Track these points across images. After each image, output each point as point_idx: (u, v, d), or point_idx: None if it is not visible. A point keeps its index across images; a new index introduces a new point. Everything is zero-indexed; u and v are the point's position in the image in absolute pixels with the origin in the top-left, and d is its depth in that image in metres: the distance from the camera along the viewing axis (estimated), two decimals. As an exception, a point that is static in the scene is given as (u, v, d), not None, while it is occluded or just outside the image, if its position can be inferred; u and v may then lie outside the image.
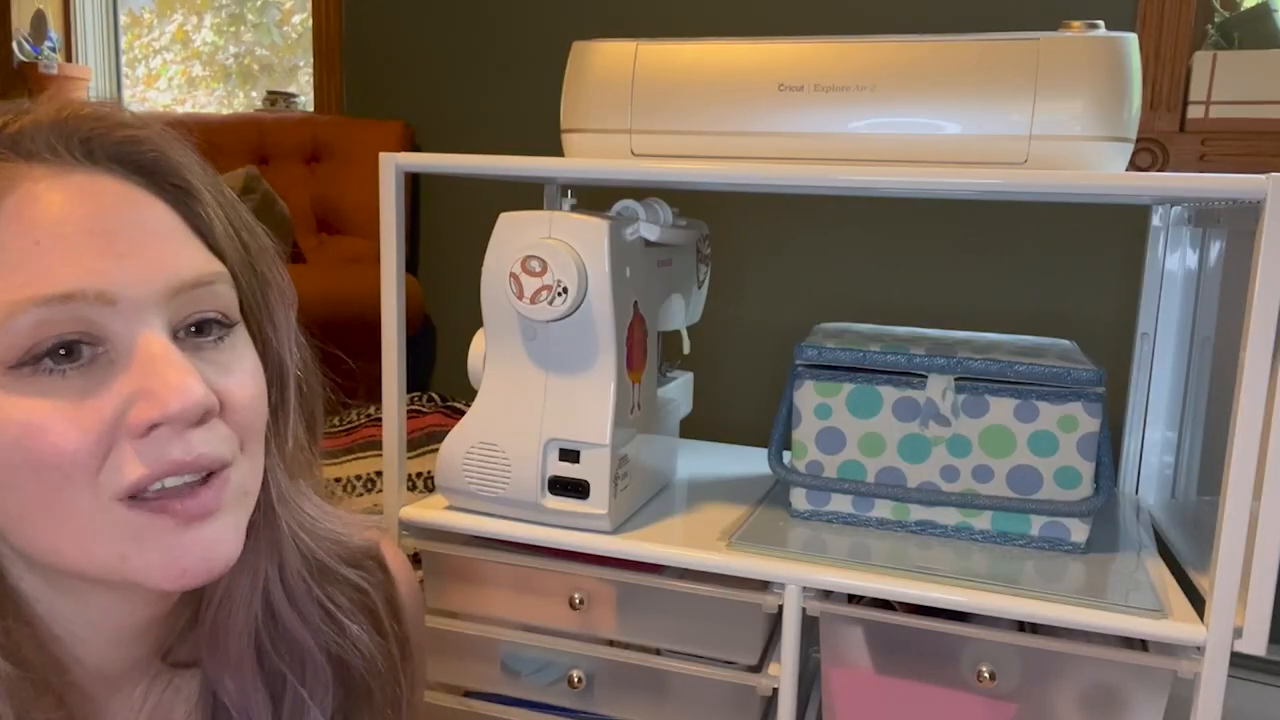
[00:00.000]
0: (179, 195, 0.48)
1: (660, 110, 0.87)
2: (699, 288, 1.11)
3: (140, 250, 0.44)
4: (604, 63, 0.88)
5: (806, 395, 0.92)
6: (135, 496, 0.44)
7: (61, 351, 0.42)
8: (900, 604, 0.84)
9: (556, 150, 0.93)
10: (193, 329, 0.47)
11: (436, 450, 0.96)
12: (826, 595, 0.85)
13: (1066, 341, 0.97)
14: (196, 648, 0.54)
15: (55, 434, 0.42)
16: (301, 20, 2.45)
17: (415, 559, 0.95)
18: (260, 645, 0.54)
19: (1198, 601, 0.76)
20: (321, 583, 0.55)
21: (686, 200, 1.12)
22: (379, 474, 1.37)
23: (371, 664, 0.57)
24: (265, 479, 0.52)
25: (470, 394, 0.91)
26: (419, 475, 1.40)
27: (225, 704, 0.54)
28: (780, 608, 0.84)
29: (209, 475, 0.46)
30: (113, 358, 0.44)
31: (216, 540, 0.46)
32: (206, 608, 0.53)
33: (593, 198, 1.00)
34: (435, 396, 1.54)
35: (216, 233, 0.49)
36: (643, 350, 0.92)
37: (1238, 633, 0.72)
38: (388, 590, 0.60)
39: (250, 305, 0.51)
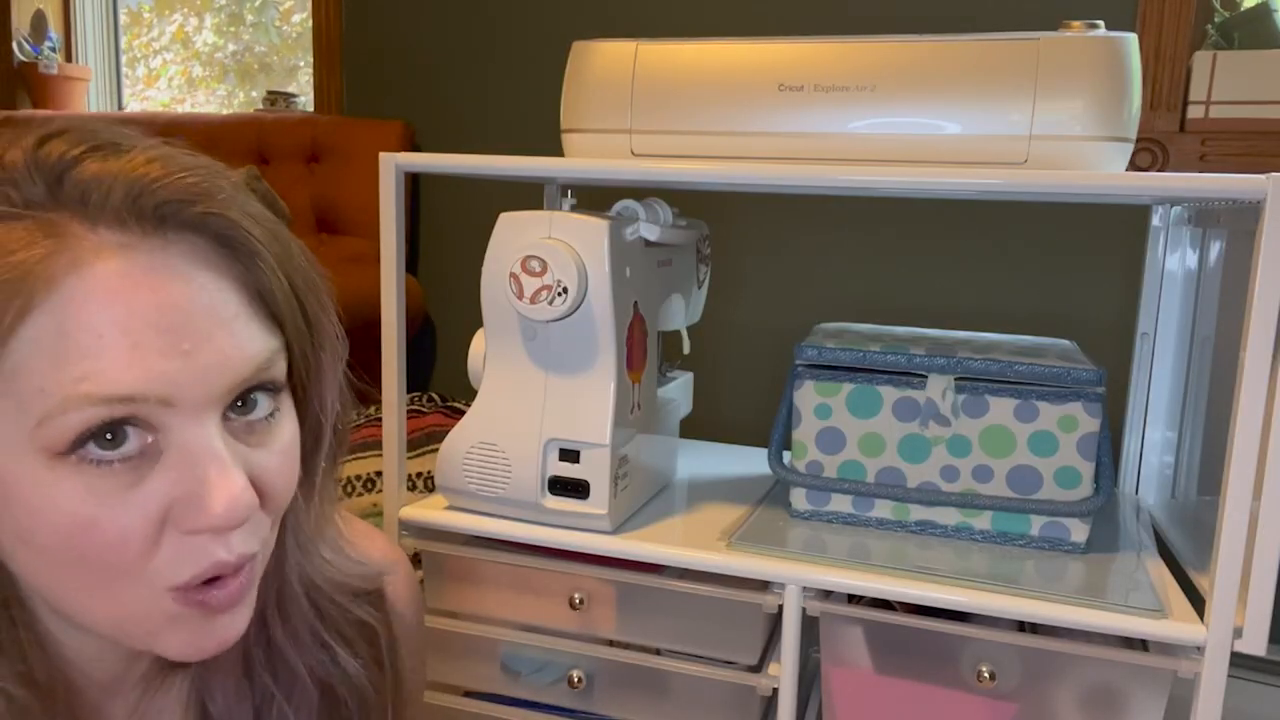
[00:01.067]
0: (246, 264, 0.46)
1: (660, 110, 0.87)
2: (699, 288, 1.11)
3: (205, 345, 0.42)
4: (604, 63, 0.88)
5: (806, 395, 0.92)
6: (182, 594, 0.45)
7: (108, 436, 0.41)
8: (900, 604, 0.84)
9: (556, 150, 0.93)
10: (240, 403, 0.46)
11: (436, 450, 0.96)
12: (826, 595, 0.85)
13: (1066, 341, 0.97)
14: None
15: (106, 528, 0.41)
16: (301, 20, 2.45)
17: (415, 559, 0.95)
18: (250, 661, 0.54)
19: (1198, 601, 0.76)
20: (321, 609, 0.55)
21: (686, 200, 1.12)
22: (379, 474, 1.37)
23: (361, 694, 0.57)
24: (284, 524, 0.52)
25: (470, 394, 0.91)
26: (419, 475, 1.40)
27: (211, 714, 0.54)
28: (780, 608, 0.84)
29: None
30: (162, 446, 0.43)
31: (234, 622, 0.47)
32: None
33: (593, 198, 1.00)
34: (435, 396, 1.54)
35: (278, 302, 0.47)
36: (643, 350, 0.92)
37: (1238, 633, 0.72)
38: (387, 623, 0.60)
39: (300, 369, 0.50)
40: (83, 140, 0.43)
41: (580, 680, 0.91)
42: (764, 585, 0.85)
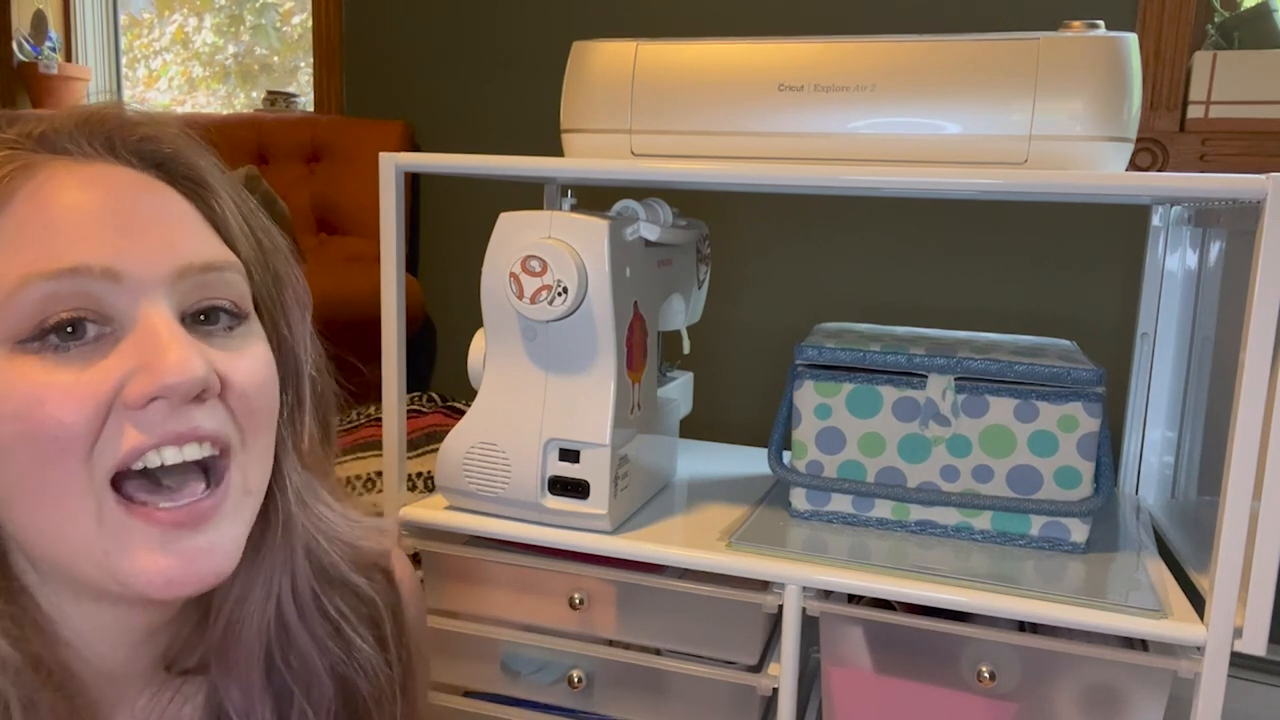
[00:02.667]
0: (195, 189, 0.49)
1: (660, 110, 0.87)
2: (699, 288, 1.11)
3: (151, 231, 0.45)
4: (604, 63, 0.88)
5: (806, 395, 0.92)
6: (127, 495, 0.44)
7: (69, 329, 0.43)
8: (900, 604, 0.84)
9: (556, 150, 0.93)
10: (202, 316, 0.47)
11: (436, 450, 0.96)
12: (826, 595, 0.85)
13: (1066, 341, 0.97)
14: (204, 654, 0.53)
15: (53, 404, 0.42)
16: (301, 21, 2.45)
17: (415, 559, 0.95)
18: (270, 657, 0.53)
19: (1198, 601, 0.76)
20: (330, 591, 0.54)
21: (686, 200, 1.12)
22: (379, 474, 1.37)
23: (375, 682, 0.56)
24: (283, 481, 0.52)
25: (470, 394, 0.91)
26: (419, 475, 1.40)
27: (230, 713, 0.53)
28: (780, 608, 0.84)
29: (209, 471, 0.46)
30: (118, 336, 0.44)
31: (209, 549, 0.46)
32: (217, 615, 0.52)
33: (593, 198, 1.00)
34: (435, 396, 1.54)
35: (231, 227, 0.50)
36: (643, 350, 0.92)
37: (1238, 633, 0.72)
38: (393, 603, 0.59)
39: (265, 301, 0.51)
40: (42, 115, 0.48)
41: (580, 680, 0.91)
42: (764, 585, 0.85)
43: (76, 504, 0.43)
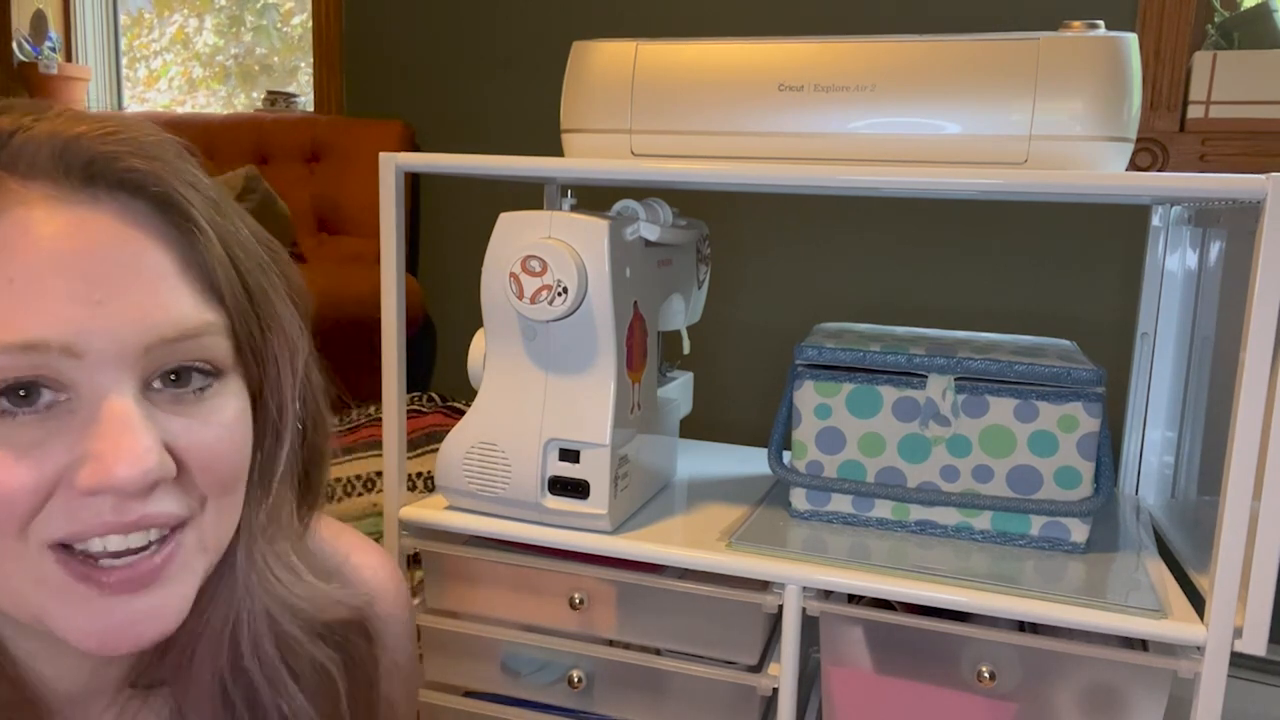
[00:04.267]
0: (181, 233, 0.44)
1: (660, 110, 0.87)
2: (699, 288, 1.11)
3: (121, 297, 0.41)
4: (604, 63, 0.88)
5: (806, 395, 0.92)
6: (67, 549, 0.42)
7: (21, 393, 0.40)
8: (900, 604, 0.84)
9: (556, 150, 0.93)
10: (173, 376, 0.44)
11: (436, 450, 0.96)
12: (826, 595, 0.85)
13: (1066, 341, 0.97)
14: (165, 672, 0.52)
15: None
16: (302, 21, 2.45)
17: (415, 559, 0.95)
18: (224, 688, 0.51)
19: (1198, 601, 0.76)
20: (284, 653, 0.51)
21: (686, 200, 1.12)
22: (379, 474, 1.37)
23: None
24: (238, 533, 0.49)
25: (470, 394, 0.91)
26: (419, 475, 1.40)
27: None
28: (780, 608, 0.84)
29: (163, 538, 0.44)
30: (73, 407, 0.41)
31: (152, 611, 0.44)
32: (178, 635, 0.49)
33: (593, 198, 1.00)
34: (435, 396, 1.54)
35: (217, 274, 0.45)
36: (643, 350, 0.92)
37: (1238, 633, 0.72)
38: (365, 665, 0.56)
39: (247, 351, 0.47)
40: (29, 111, 0.43)
41: (580, 680, 0.91)
42: (764, 585, 0.85)
43: (13, 564, 0.41)
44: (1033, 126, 0.77)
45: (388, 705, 0.60)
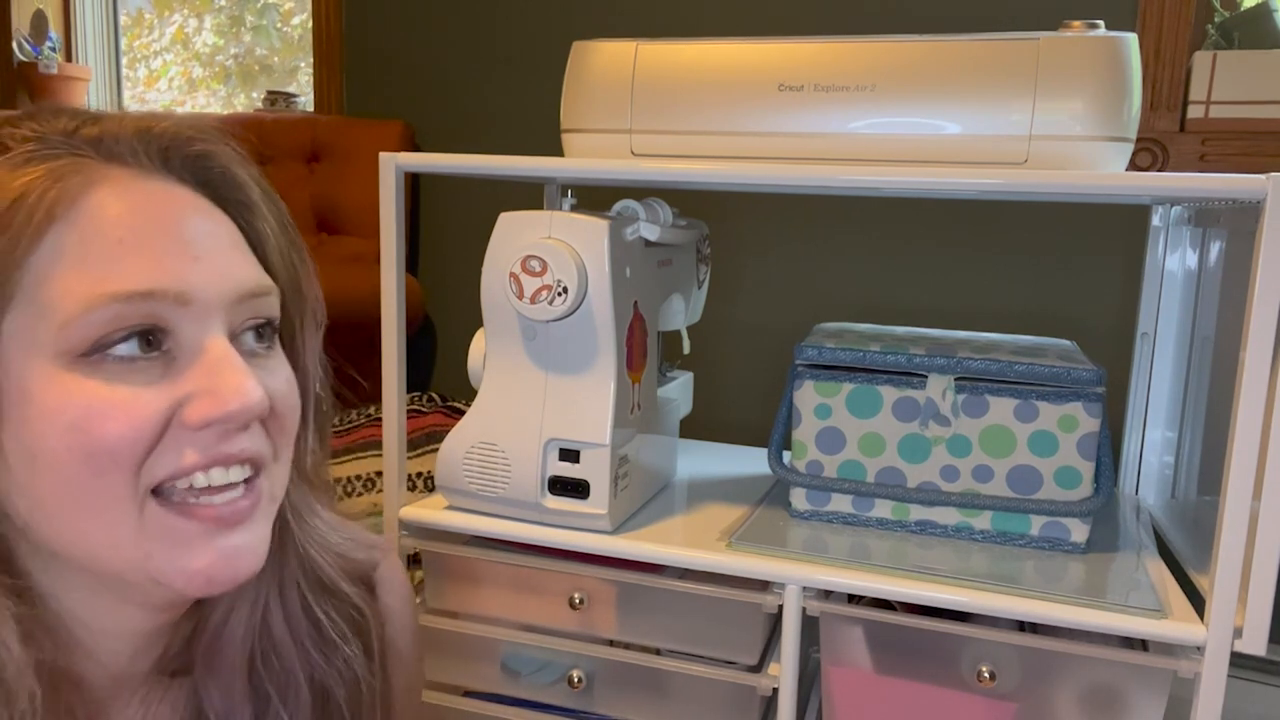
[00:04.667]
0: (242, 211, 0.50)
1: (660, 110, 0.87)
2: (699, 288, 1.11)
3: (213, 257, 0.47)
4: (604, 63, 0.88)
5: (806, 395, 0.92)
6: (170, 499, 0.45)
7: (140, 341, 0.44)
8: (900, 604, 0.84)
9: (556, 150, 0.93)
10: (248, 334, 0.49)
11: (436, 450, 0.96)
12: (826, 595, 0.85)
13: (1066, 341, 0.97)
14: (190, 657, 0.54)
15: (112, 419, 0.43)
16: (302, 21, 2.45)
17: (415, 559, 0.95)
18: (252, 661, 0.54)
19: (1198, 601, 0.76)
20: (319, 598, 0.56)
21: (686, 200, 1.12)
22: (379, 474, 1.37)
23: (353, 691, 0.57)
24: (285, 493, 0.53)
25: (470, 394, 0.91)
26: (419, 475, 1.40)
27: (210, 716, 0.54)
28: (780, 608, 0.84)
29: (248, 481, 0.48)
30: (175, 355, 0.45)
31: (244, 548, 0.48)
32: (209, 616, 0.53)
33: (593, 198, 1.00)
34: (435, 396, 1.54)
35: (270, 250, 0.51)
36: (643, 350, 0.92)
37: (1238, 633, 0.72)
38: (377, 618, 0.60)
39: (289, 322, 0.53)
40: (84, 112, 0.48)
41: (580, 680, 0.91)
42: (764, 585, 0.85)
43: (119, 511, 0.44)
44: (1033, 126, 0.77)
45: (394, 659, 0.63)
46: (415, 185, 1.87)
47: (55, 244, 0.43)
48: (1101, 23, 0.78)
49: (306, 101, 2.20)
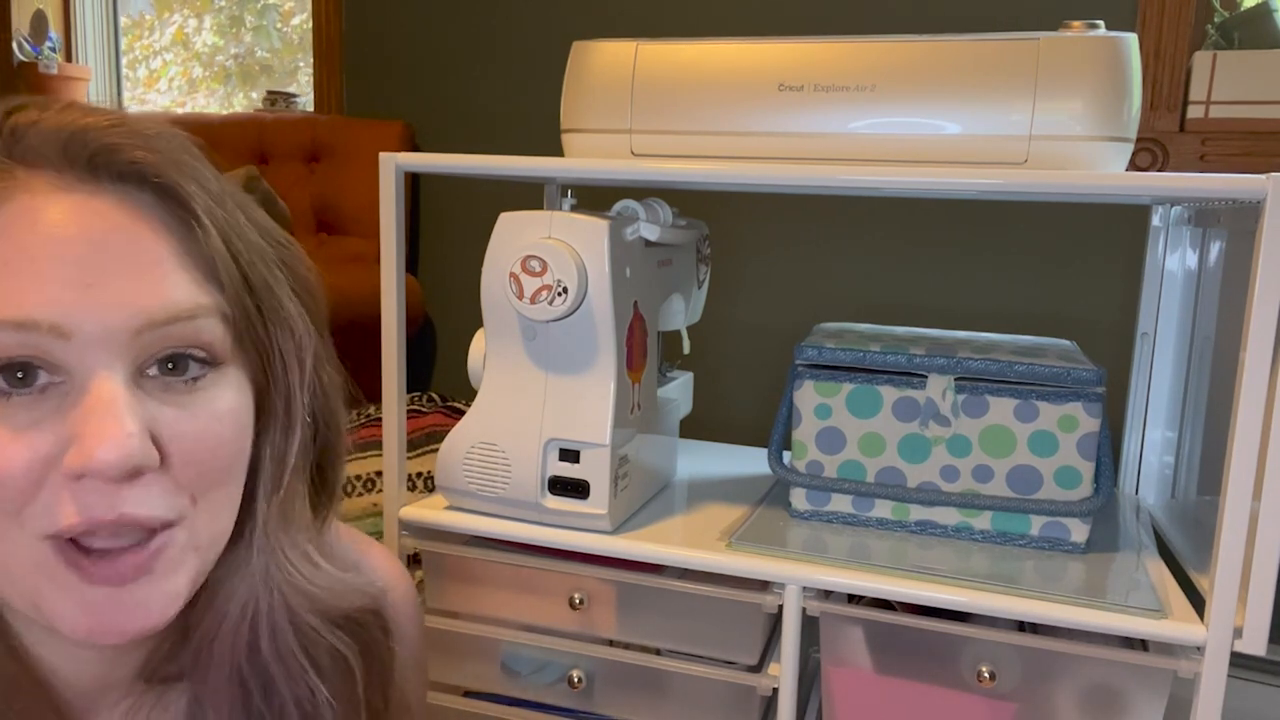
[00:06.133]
0: (181, 223, 0.45)
1: (660, 110, 0.87)
2: (699, 288, 1.11)
3: (112, 282, 0.42)
4: (604, 63, 0.88)
5: (806, 395, 0.92)
6: (60, 545, 0.42)
7: (18, 374, 0.41)
8: (900, 604, 0.84)
9: (556, 150, 0.93)
10: (170, 364, 0.44)
11: (436, 450, 0.96)
12: (826, 595, 0.85)
13: (1066, 341, 0.97)
14: (183, 664, 0.52)
15: None
16: (302, 21, 2.45)
17: (415, 559, 0.95)
18: (243, 680, 0.51)
19: (1198, 601, 0.76)
20: (303, 641, 0.52)
21: (686, 200, 1.12)
22: (379, 474, 1.37)
23: None
24: (255, 527, 0.49)
25: (470, 394, 0.91)
26: (419, 475, 1.40)
27: None
28: (780, 608, 0.84)
29: (151, 533, 0.44)
30: (67, 390, 0.42)
31: (135, 606, 0.44)
32: (195, 628, 0.51)
33: (593, 198, 1.00)
34: (435, 396, 1.54)
35: (216, 265, 0.46)
36: (643, 350, 0.92)
37: (1238, 633, 0.72)
38: (383, 656, 0.56)
39: (250, 343, 0.48)
40: (37, 106, 0.45)
41: (580, 680, 0.91)
42: (764, 585, 0.85)
43: (8, 549, 0.42)
44: (1033, 126, 0.77)
45: (400, 697, 0.60)
46: (415, 185, 1.87)
47: None
48: (1101, 23, 0.78)
49: (306, 101, 2.20)
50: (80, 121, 0.44)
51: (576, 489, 0.86)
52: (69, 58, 2.45)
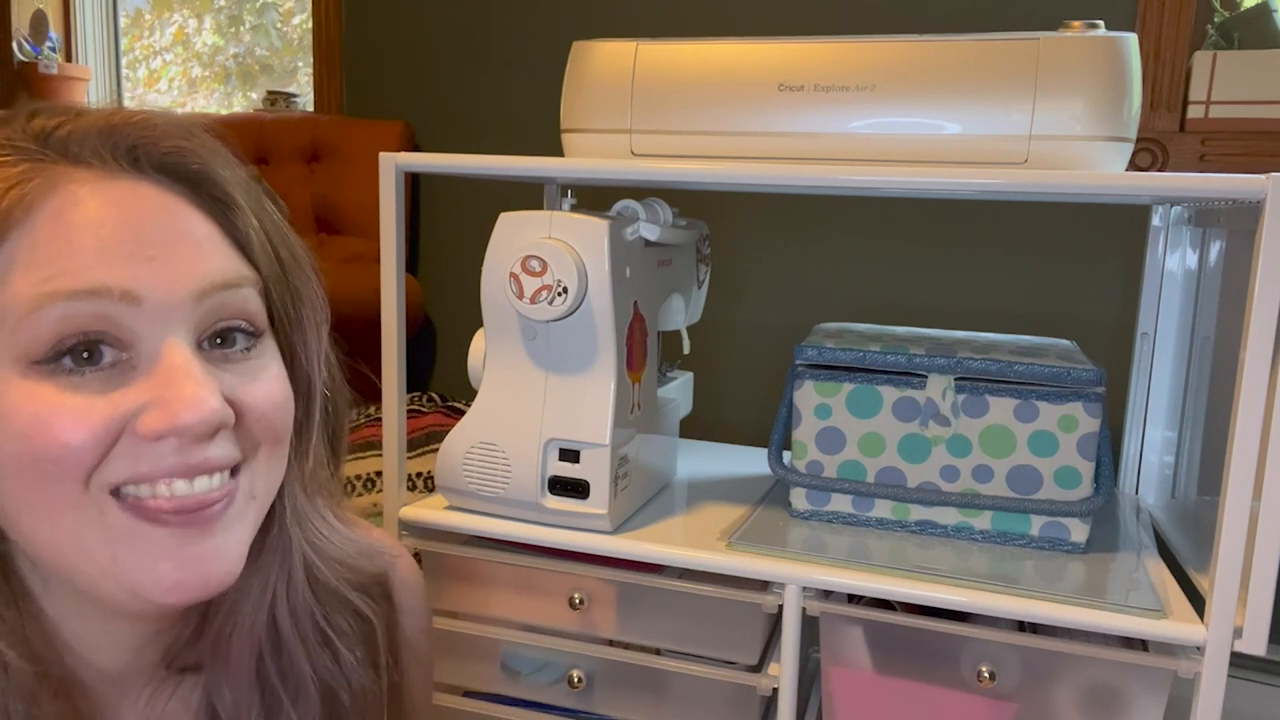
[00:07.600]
0: (218, 206, 0.49)
1: (660, 110, 0.87)
2: (699, 288, 1.11)
3: (171, 255, 0.45)
4: (604, 63, 0.88)
5: (806, 395, 0.92)
6: (130, 502, 0.44)
7: (85, 353, 0.43)
8: (900, 604, 0.84)
9: (556, 150, 0.93)
10: (219, 340, 0.47)
11: (436, 450, 0.96)
12: (826, 595, 0.85)
13: (1066, 341, 0.97)
14: (200, 653, 0.54)
15: (59, 427, 0.42)
16: (301, 21, 2.45)
17: (415, 559, 0.95)
18: (261, 660, 0.53)
19: (1198, 601, 0.76)
20: (323, 605, 0.55)
21: (686, 200, 1.12)
22: (379, 474, 1.37)
23: (359, 697, 0.56)
24: (284, 494, 0.52)
25: (470, 394, 0.91)
26: (419, 475, 1.40)
27: (220, 713, 0.54)
28: (780, 608, 0.84)
29: (222, 480, 0.46)
30: (134, 363, 0.44)
31: (215, 555, 0.46)
32: (213, 615, 0.53)
33: (593, 198, 1.00)
34: (435, 396, 1.54)
35: (253, 244, 0.49)
36: (643, 350, 0.92)
37: (1238, 633, 0.72)
38: (389, 623, 0.59)
39: (280, 318, 0.51)
40: (68, 109, 0.47)
41: (580, 680, 0.91)
42: (764, 585, 0.85)
43: (79, 516, 0.43)
44: (1033, 126, 0.77)
45: (414, 656, 0.63)
46: (415, 185, 1.87)
47: (11, 251, 0.43)
48: (1101, 23, 0.78)
49: (306, 101, 2.20)
50: (115, 118, 0.47)
51: (576, 489, 0.86)
52: (69, 58, 2.45)
